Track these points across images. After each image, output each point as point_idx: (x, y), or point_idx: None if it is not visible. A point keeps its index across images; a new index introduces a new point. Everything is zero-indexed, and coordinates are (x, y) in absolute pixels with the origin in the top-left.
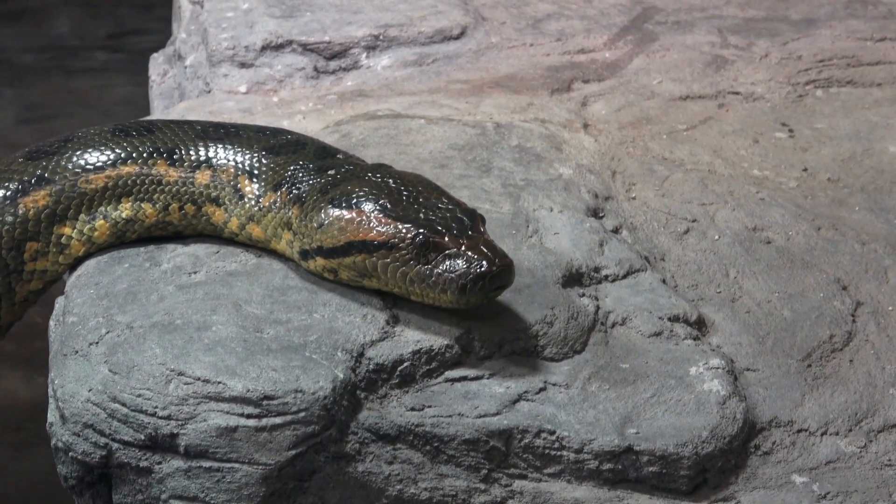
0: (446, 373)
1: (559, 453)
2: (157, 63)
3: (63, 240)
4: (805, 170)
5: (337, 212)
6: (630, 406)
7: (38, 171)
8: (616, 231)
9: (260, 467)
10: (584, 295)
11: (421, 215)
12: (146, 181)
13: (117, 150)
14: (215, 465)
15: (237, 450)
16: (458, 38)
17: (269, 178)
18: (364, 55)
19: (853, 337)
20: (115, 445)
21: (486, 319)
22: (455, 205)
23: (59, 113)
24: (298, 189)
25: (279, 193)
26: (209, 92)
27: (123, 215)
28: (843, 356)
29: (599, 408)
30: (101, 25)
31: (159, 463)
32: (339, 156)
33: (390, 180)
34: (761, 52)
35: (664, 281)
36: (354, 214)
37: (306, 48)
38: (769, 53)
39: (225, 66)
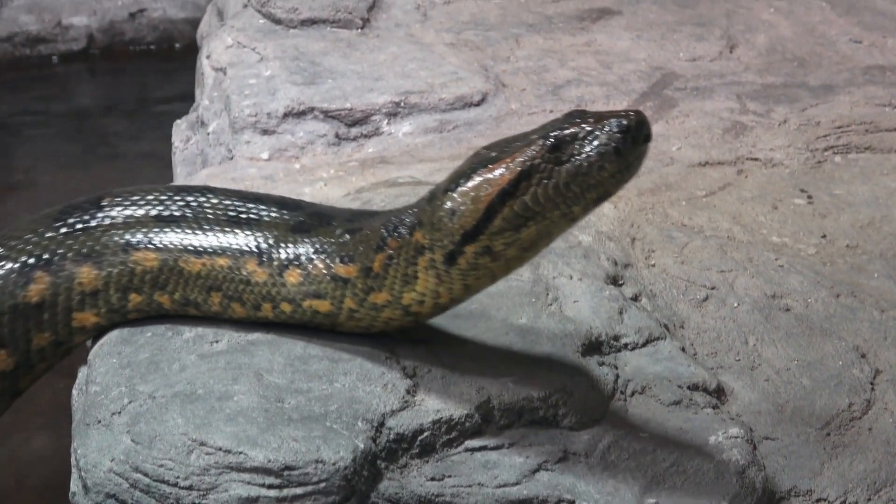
0: (466, 442)
1: None
2: (179, 129)
3: (146, 303)
4: (824, 236)
5: (460, 189)
6: (650, 475)
7: (157, 232)
8: (635, 299)
9: None
10: (603, 363)
11: (534, 134)
12: (235, 279)
13: (216, 237)
14: None
15: None
16: (478, 104)
17: (363, 251)
18: (385, 122)
19: (872, 405)
20: None
21: (506, 389)
22: (553, 121)
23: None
24: (405, 223)
25: (386, 248)
26: (231, 158)
27: (213, 310)
28: (863, 424)
29: (619, 477)
30: (127, 91)
31: None
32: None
33: (484, 150)
34: (780, 118)
35: (683, 349)
36: (476, 180)
37: (328, 115)
38: (788, 119)
39: (247, 133)
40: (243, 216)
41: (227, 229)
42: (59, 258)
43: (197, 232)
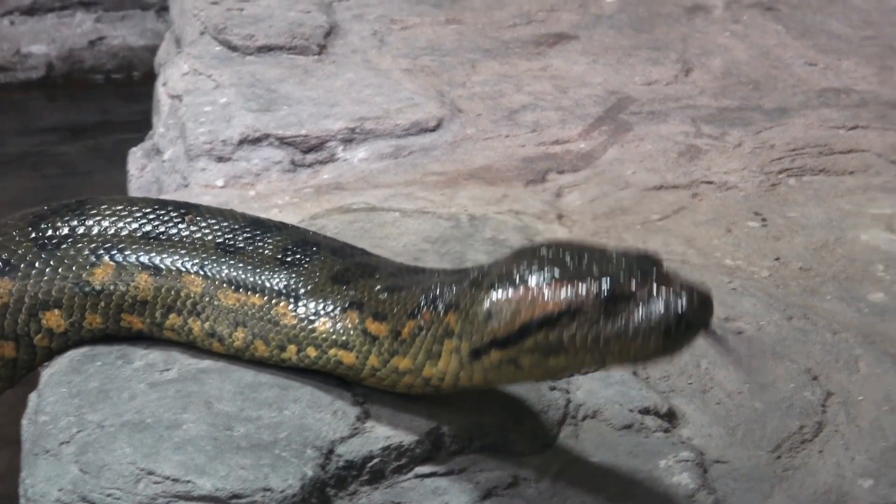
0: (416, 468)
1: None
2: (135, 157)
3: (180, 326)
4: (777, 259)
5: (502, 295)
6: (600, 500)
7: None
8: None
9: None
10: (554, 388)
11: (595, 269)
12: (265, 318)
13: (251, 272)
14: None
15: None
16: (434, 130)
17: (398, 312)
18: (340, 148)
19: (823, 427)
20: None
21: (457, 414)
22: (624, 251)
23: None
24: (442, 300)
25: (420, 317)
26: (187, 186)
27: (235, 344)
28: (813, 447)
29: (569, 503)
30: (86, 119)
31: None
32: (471, 274)
33: (542, 250)
34: (734, 141)
35: (635, 373)
36: (522, 292)
37: (283, 142)
38: (742, 143)
39: (202, 161)
40: (288, 258)
41: (269, 266)
42: None
43: (247, 266)
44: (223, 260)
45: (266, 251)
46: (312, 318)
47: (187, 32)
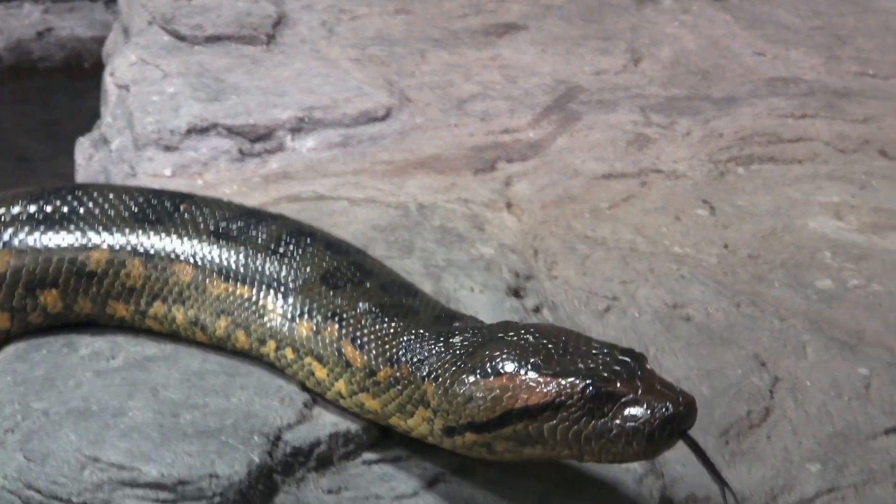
0: (363, 455)
1: None
2: (83, 147)
3: (162, 313)
4: (726, 246)
5: (484, 381)
6: (548, 485)
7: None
8: (537, 310)
9: None
10: None
11: (581, 365)
12: (250, 310)
13: (241, 263)
14: None
15: None
16: (383, 119)
17: (377, 349)
18: (289, 137)
19: (771, 412)
20: None
21: None
22: (610, 347)
23: None
24: (424, 364)
25: (397, 369)
26: (134, 176)
27: (217, 333)
28: (761, 432)
29: (517, 487)
30: (34, 110)
31: None
32: (457, 322)
33: (528, 336)
34: (683, 130)
35: None
36: (505, 380)
37: (231, 131)
38: (691, 131)
39: (150, 150)
40: (281, 249)
41: (261, 257)
42: None
43: (238, 256)
44: (215, 249)
45: (259, 240)
46: (296, 318)
47: (135, 22)
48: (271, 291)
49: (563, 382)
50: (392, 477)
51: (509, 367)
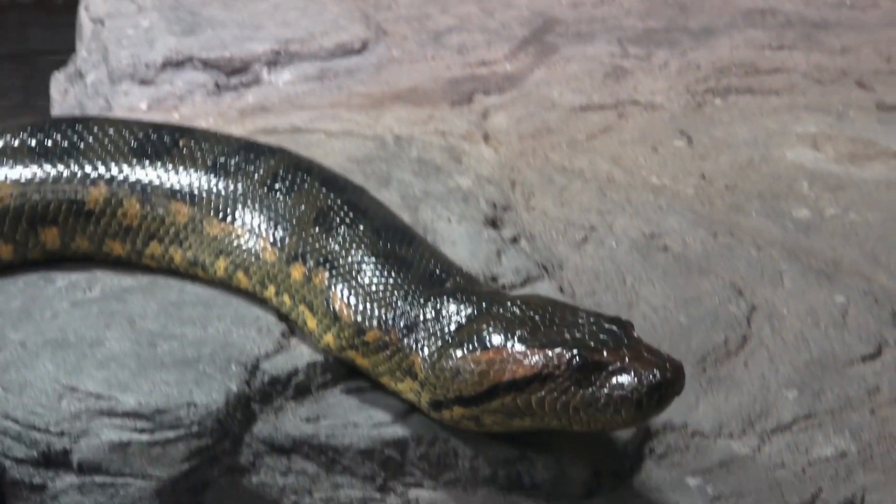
0: (342, 384)
1: (454, 461)
2: (58, 81)
3: (159, 252)
4: (703, 177)
5: (471, 355)
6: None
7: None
8: (514, 241)
9: (153, 481)
10: None
11: (567, 336)
12: (246, 249)
13: (236, 201)
14: (109, 479)
15: (130, 464)
16: (359, 52)
17: (367, 306)
18: (265, 70)
19: (748, 340)
20: (8, 462)
21: None
22: (596, 316)
23: None
24: (412, 332)
25: (387, 332)
26: (110, 110)
27: (218, 274)
28: (738, 359)
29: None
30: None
31: (53, 479)
32: (449, 282)
33: (515, 308)
34: (660, 62)
35: (561, 289)
36: (492, 354)
37: (207, 64)
38: (668, 63)
39: (125, 84)
40: (276, 185)
41: (257, 195)
42: None
43: (234, 194)
44: (212, 188)
45: (256, 177)
46: (290, 261)
47: None
48: (266, 232)
49: (550, 354)
50: (370, 405)
51: (496, 340)
